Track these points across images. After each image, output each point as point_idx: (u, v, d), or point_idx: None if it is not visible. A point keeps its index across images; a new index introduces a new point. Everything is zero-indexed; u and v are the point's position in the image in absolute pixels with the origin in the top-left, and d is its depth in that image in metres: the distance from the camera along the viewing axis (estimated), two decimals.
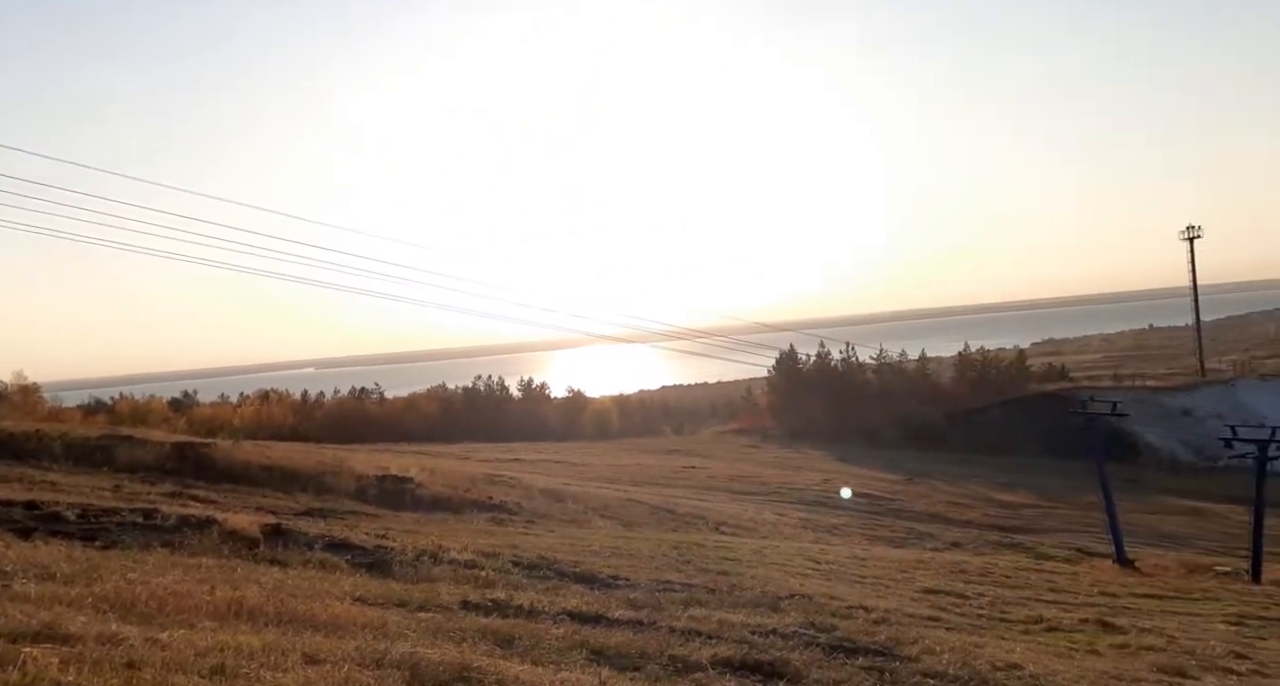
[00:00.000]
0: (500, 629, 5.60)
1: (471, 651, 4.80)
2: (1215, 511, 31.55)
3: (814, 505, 27.51)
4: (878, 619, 7.79)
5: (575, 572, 8.66)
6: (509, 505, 17.57)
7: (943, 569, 13.25)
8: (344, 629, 5.15)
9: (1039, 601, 10.59)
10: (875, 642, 6.56)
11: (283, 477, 16.51)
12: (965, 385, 60.45)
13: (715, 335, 43.86)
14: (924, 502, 29.92)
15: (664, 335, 38.33)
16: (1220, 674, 7.02)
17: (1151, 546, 21.89)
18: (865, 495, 30.51)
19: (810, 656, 5.88)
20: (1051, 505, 31.15)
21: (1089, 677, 6.30)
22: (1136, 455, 46.90)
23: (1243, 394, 55.84)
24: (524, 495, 19.13)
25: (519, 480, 21.82)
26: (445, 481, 18.90)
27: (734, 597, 8.08)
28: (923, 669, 5.90)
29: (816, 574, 11.19)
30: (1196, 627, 9.39)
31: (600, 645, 5.42)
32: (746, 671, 5.33)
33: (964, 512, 28.48)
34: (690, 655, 5.43)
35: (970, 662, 6.16)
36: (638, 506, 20.79)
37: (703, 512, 21.33)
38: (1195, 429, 49.24)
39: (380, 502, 15.86)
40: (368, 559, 8.35)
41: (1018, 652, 6.91)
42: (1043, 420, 47.86)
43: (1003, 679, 5.90)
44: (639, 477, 31.20)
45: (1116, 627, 8.89)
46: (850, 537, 20.66)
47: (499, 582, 7.62)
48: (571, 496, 20.29)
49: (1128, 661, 7.23)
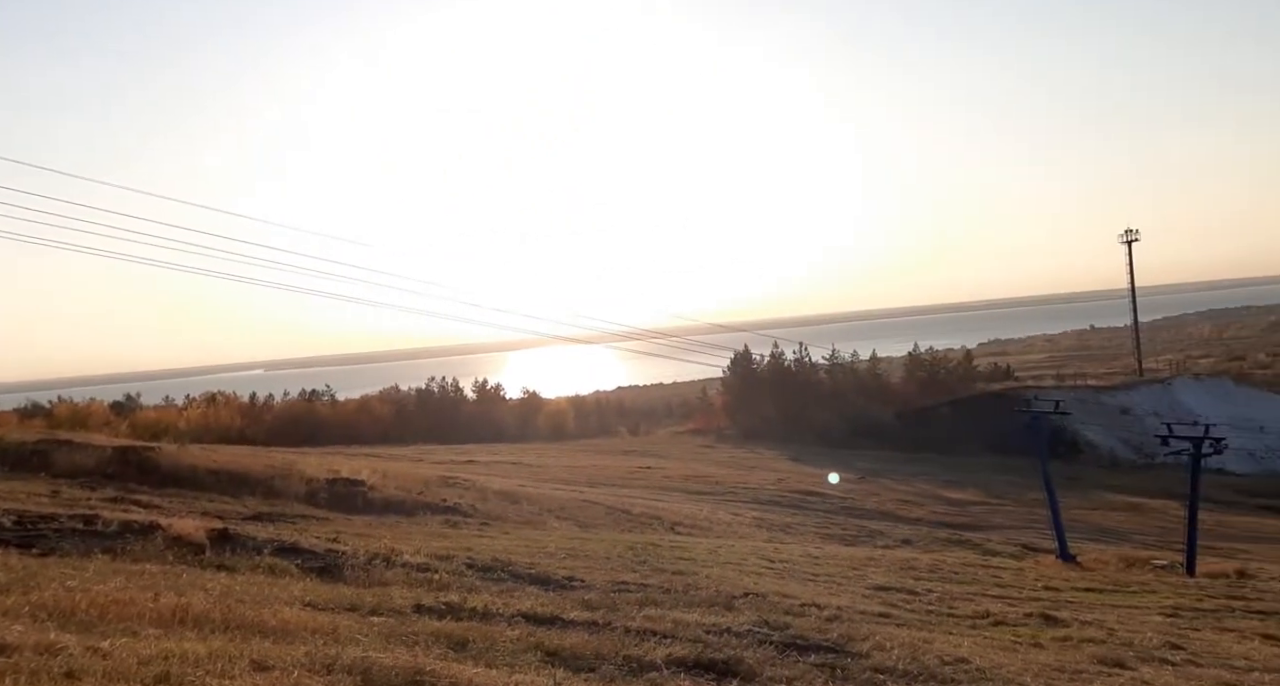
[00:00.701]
0: (454, 632, 5.56)
1: (425, 655, 4.77)
2: (1153, 506, 32.61)
3: (768, 504, 27.77)
4: (830, 616, 7.89)
5: (530, 574, 8.62)
6: (463, 507, 17.42)
7: (893, 566, 13.47)
8: (294, 634, 5.07)
9: (986, 596, 10.83)
10: (827, 639, 6.65)
11: (230, 481, 16.14)
12: (915, 385, 61.59)
13: (670, 336, 44.05)
14: (875, 501, 30.40)
15: (620, 336, 38.37)
16: (1156, 664, 7.24)
17: (1093, 541, 22.55)
18: (818, 494, 30.89)
19: (764, 654, 5.94)
20: (998, 502, 31.89)
21: (1032, 670, 6.46)
22: (1078, 452, 48.23)
23: (1178, 392, 57.80)
24: (479, 497, 18.98)
25: (473, 482, 21.63)
26: (398, 484, 18.65)
27: (689, 597, 8.12)
28: (873, 664, 6.00)
29: (770, 572, 11.29)
30: (1134, 620, 9.69)
31: (555, 646, 5.42)
32: (701, 670, 5.37)
33: (914, 510, 29.01)
34: (645, 655, 5.46)
35: (919, 657, 6.28)
36: (593, 507, 20.77)
37: (658, 513, 21.39)
38: (1134, 427, 50.83)
39: (331, 506, 15.60)
40: (318, 563, 8.21)
41: (965, 647, 7.06)
42: (989, 419, 48.96)
43: (950, 673, 6.02)
44: (595, 478, 31.17)
45: (1059, 621, 9.12)
46: (804, 536, 20.90)
47: (453, 585, 7.56)
48: (527, 498, 20.19)
49: (1069, 653, 7.43)
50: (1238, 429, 43.61)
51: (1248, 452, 48.14)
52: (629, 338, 41.62)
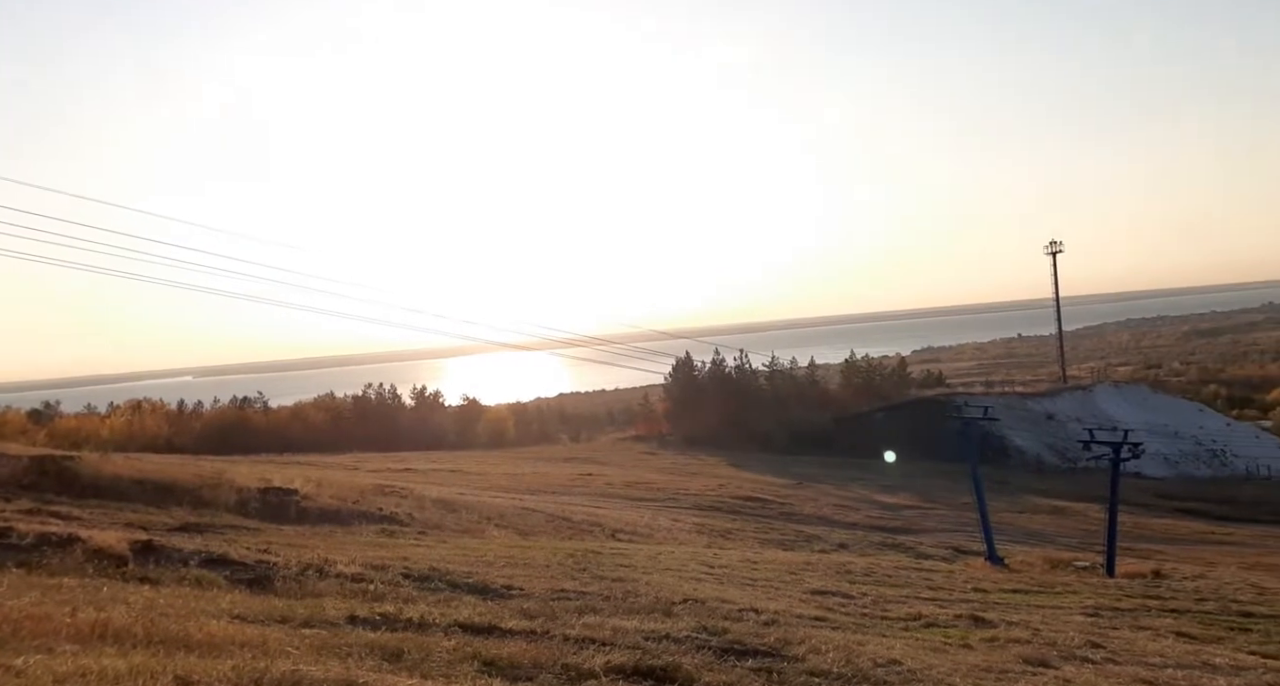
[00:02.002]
0: (388, 643, 5.47)
1: (358, 667, 4.68)
2: (1075, 509, 33.77)
3: (709, 510, 27.96)
4: (767, 620, 7.98)
5: (468, 583, 8.53)
6: (400, 516, 17.11)
7: (830, 570, 13.68)
8: (220, 648, 4.93)
9: (918, 599, 11.07)
10: (764, 644, 6.73)
11: (156, 491, 15.57)
12: (851, 391, 62.76)
13: (613, 342, 44.04)
14: (812, 506, 30.85)
15: (561, 342, 38.21)
16: (1078, 663, 7.50)
17: (1019, 544, 23.25)
18: (757, 499, 31.22)
19: (702, 660, 5.99)
20: (931, 506, 32.64)
21: (961, 671, 6.62)
22: (1006, 457, 49.71)
23: (1099, 399, 60.08)
24: (416, 506, 18.68)
25: (411, 490, 21.28)
26: (333, 493, 18.24)
27: (628, 604, 8.13)
28: (809, 668, 6.09)
29: (710, 578, 11.36)
30: (1058, 620, 10.02)
31: (492, 656, 5.38)
32: (639, 677, 5.38)
33: (850, 515, 29.52)
34: (584, 663, 5.45)
35: (853, 660, 6.40)
36: (534, 515, 20.62)
37: (599, 520, 21.35)
38: (1058, 432, 52.64)
39: (263, 516, 15.17)
40: (248, 575, 7.99)
41: (897, 649, 7.21)
42: (922, 424, 50.18)
43: (883, 675, 6.14)
44: (535, 486, 30.96)
45: (987, 622, 9.37)
46: (743, 541, 21.09)
47: (388, 596, 7.43)
48: (466, 506, 19.95)
49: (997, 654, 7.64)
50: (1154, 434, 45.58)
51: (1164, 457, 50.32)
52: (571, 344, 41.51)
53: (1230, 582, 14.85)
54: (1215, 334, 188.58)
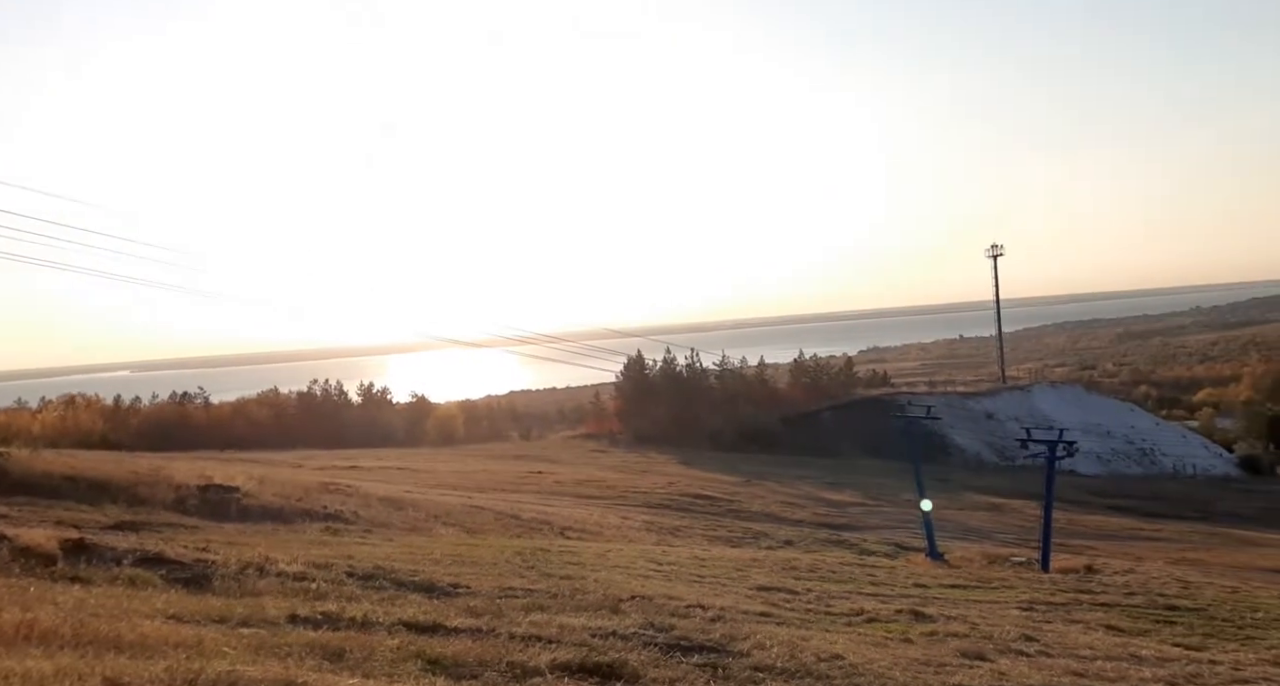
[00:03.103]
0: (330, 642, 5.38)
1: (297, 666, 4.60)
2: (1013, 506, 34.67)
3: (658, 508, 28.06)
4: (714, 616, 8.04)
5: (414, 582, 8.43)
6: (345, 514, 16.84)
7: (776, 566, 13.83)
8: (154, 649, 4.79)
9: (861, 595, 11.26)
10: (710, 640, 6.78)
11: (90, 489, 15.07)
12: (800, 390, 63.60)
13: (565, 341, 43.93)
14: (760, 503, 31.17)
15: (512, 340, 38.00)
16: (1013, 656, 7.70)
17: (959, 540, 23.79)
18: (706, 496, 31.43)
19: (648, 656, 6.01)
20: (875, 503, 33.21)
21: (901, 664, 6.76)
22: (947, 455, 50.85)
23: (1036, 399, 61.83)
24: (362, 503, 18.40)
25: (357, 488, 20.96)
26: (276, 490, 17.87)
27: (576, 601, 8.12)
28: (753, 663, 6.16)
29: (658, 575, 11.40)
30: (994, 614, 10.28)
31: (437, 654, 5.33)
32: (585, 674, 5.39)
33: (796, 512, 29.89)
34: (530, 660, 5.43)
35: (797, 655, 6.48)
36: (482, 513, 20.47)
37: (548, 518, 21.28)
38: (997, 431, 54.04)
39: (202, 514, 14.79)
40: (185, 573, 7.78)
41: (840, 644, 7.33)
42: (867, 422, 51.08)
43: (826, 669, 6.24)
44: (484, 484, 30.74)
45: (927, 617, 9.57)
46: (691, 539, 21.21)
47: (331, 594, 7.31)
48: (413, 504, 19.71)
49: (936, 647, 7.80)
50: (1088, 433, 47.10)
51: (1096, 456, 51.99)
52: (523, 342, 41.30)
53: (1157, 577, 15.42)
54: (1146, 337, 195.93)
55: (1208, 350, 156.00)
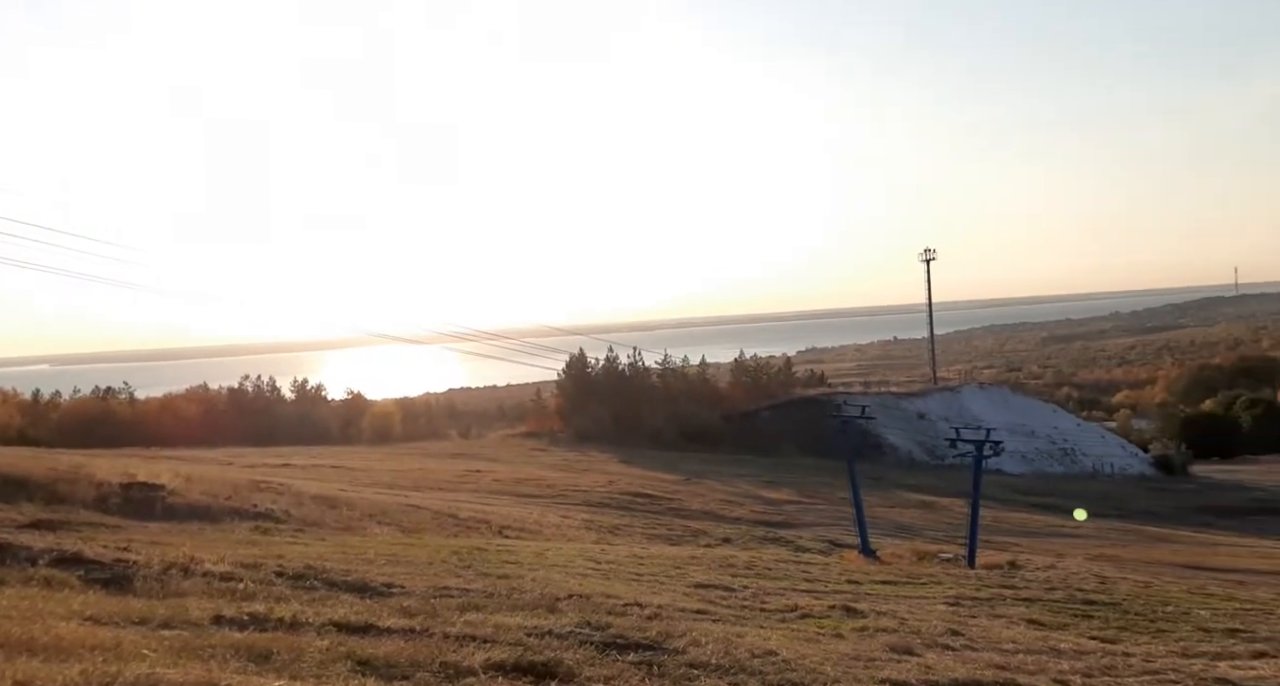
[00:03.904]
0: (256, 644, 5.26)
1: (221, 669, 4.49)
2: (942, 504, 35.59)
3: (598, 506, 28.05)
4: (651, 614, 8.09)
5: (346, 582, 8.28)
6: (276, 513, 16.43)
7: (713, 564, 13.96)
8: (69, 652, 4.62)
9: (795, 591, 11.44)
10: (646, 637, 6.82)
11: (5, 486, 14.40)
12: (740, 389, 64.28)
13: (506, 338, 43.62)
14: (699, 501, 31.40)
15: (452, 337, 37.58)
16: (939, 650, 7.93)
17: (891, 537, 24.31)
18: (646, 495, 31.53)
19: (584, 655, 6.02)
20: (810, 501, 33.74)
21: (832, 659, 6.90)
22: (881, 454, 51.98)
23: (966, 400, 63.60)
24: (294, 502, 17.98)
25: (289, 486, 20.48)
26: (204, 489, 17.35)
27: (513, 600, 8.09)
28: (688, 660, 6.22)
29: (596, 573, 11.42)
30: (923, 609, 10.56)
31: (367, 655, 5.25)
32: (520, 673, 5.38)
33: (734, 510, 30.20)
34: (463, 660, 5.40)
35: (731, 652, 6.57)
36: (419, 512, 20.19)
37: (487, 516, 21.10)
38: (928, 430, 55.44)
39: (125, 513, 14.27)
40: (104, 574, 7.52)
41: (774, 640, 7.45)
42: (805, 422, 51.89)
43: (759, 665, 6.33)
44: (421, 482, 30.34)
45: (859, 612, 9.78)
46: (631, 537, 21.25)
47: (259, 595, 7.14)
48: (346, 503, 19.33)
49: (866, 643, 7.99)
50: (1014, 433, 48.67)
51: (1021, 455, 53.72)
52: (463, 338, 40.87)
53: (1076, 572, 15.98)
54: (1069, 340, 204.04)
55: (1126, 354, 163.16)
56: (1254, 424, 79.27)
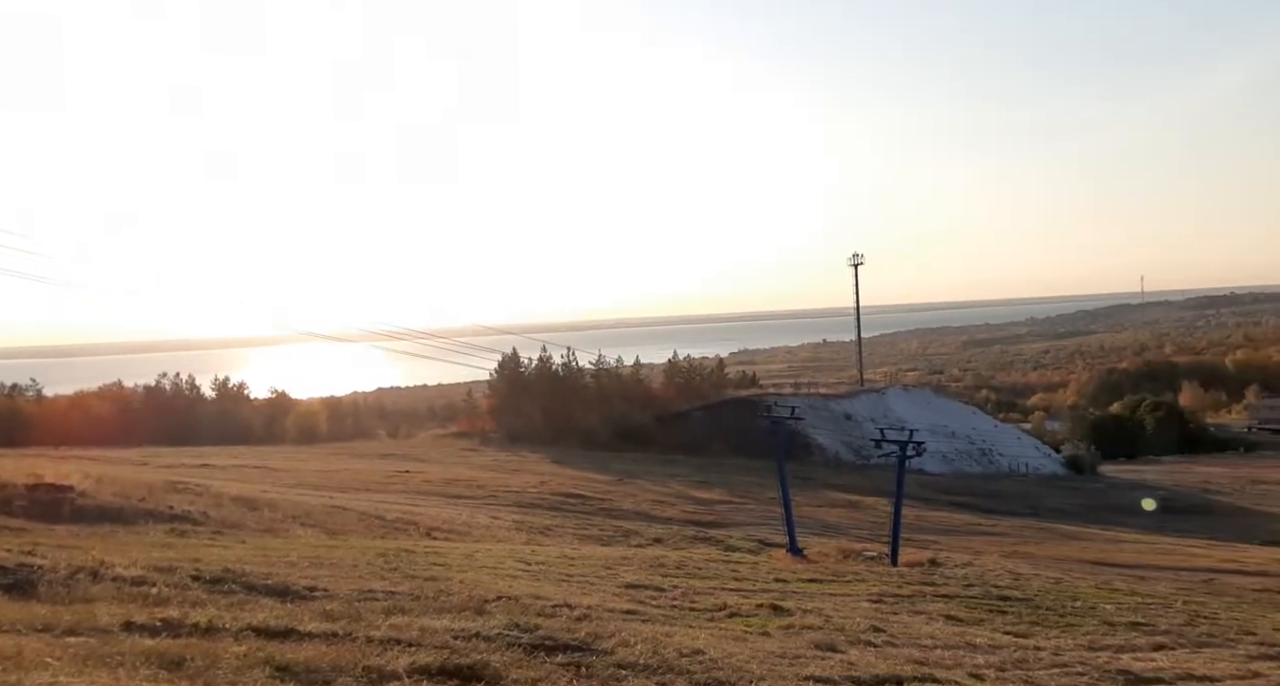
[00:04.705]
0: (169, 650, 5.08)
1: (129, 677, 4.32)
2: (868, 503, 36.45)
3: (529, 507, 27.88)
4: (580, 615, 8.07)
5: (266, 585, 8.05)
6: (194, 515, 15.87)
7: (644, 564, 14.02)
8: None
9: (724, 590, 11.57)
10: (575, 639, 6.80)
11: None
12: (673, 390, 64.65)
13: (437, 337, 42.95)
14: (631, 501, 31.50)
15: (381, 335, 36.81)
16: (862, 646, 8.11)
17: (818, 535, 24.81)
18: (578, 495, 31.49)
19: (511, 657, 5.97)
20: (741, 501, 34.18)
21: (759, 657, 7.00)
22: (809, 454, 52.92)
23: (890, 401, 65.25)
24: (212, 503, 17.41)
25: (208, 487, 19.81)
26: (117, 490, 16.65)
27: (440, 603, 7.97)
28: (617, 661, 6.23)
29: (526, 575, 11.35)
30: (847, 606, 10.80)
31: (287, 661, 5.11)
32: (445, 676, 5.30)
33: (666, 510, 30.39)
34: (387, 664, 5.30)
35: (660, 651, 6.60)
36: (344, 513, 19.76)
37: (415, 518, 20.77)
38: (855, 431, 56.69)
39: (31, 515, 13.60)
40: (6, 579, 7.15)
41: (702, 639, 7.51)
42: (736, 422, 52.46)
43: (687, 664, 6.38)
44: (348, 483, 29.69)
45: (785, 610, 9.95)
46: (562, 538, 21.19)
47: (173, 600, 6.88)
48: (269, 504, 18.80)
49: (792, 640, 8.12)
50: (935, 434, 50.06)
51: (942, 455, 55.34)
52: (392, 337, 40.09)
53: (992, 569, 16.55)
54: (988, 344, 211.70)
55: (1040, 358, 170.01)
56: (1157, 426, 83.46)
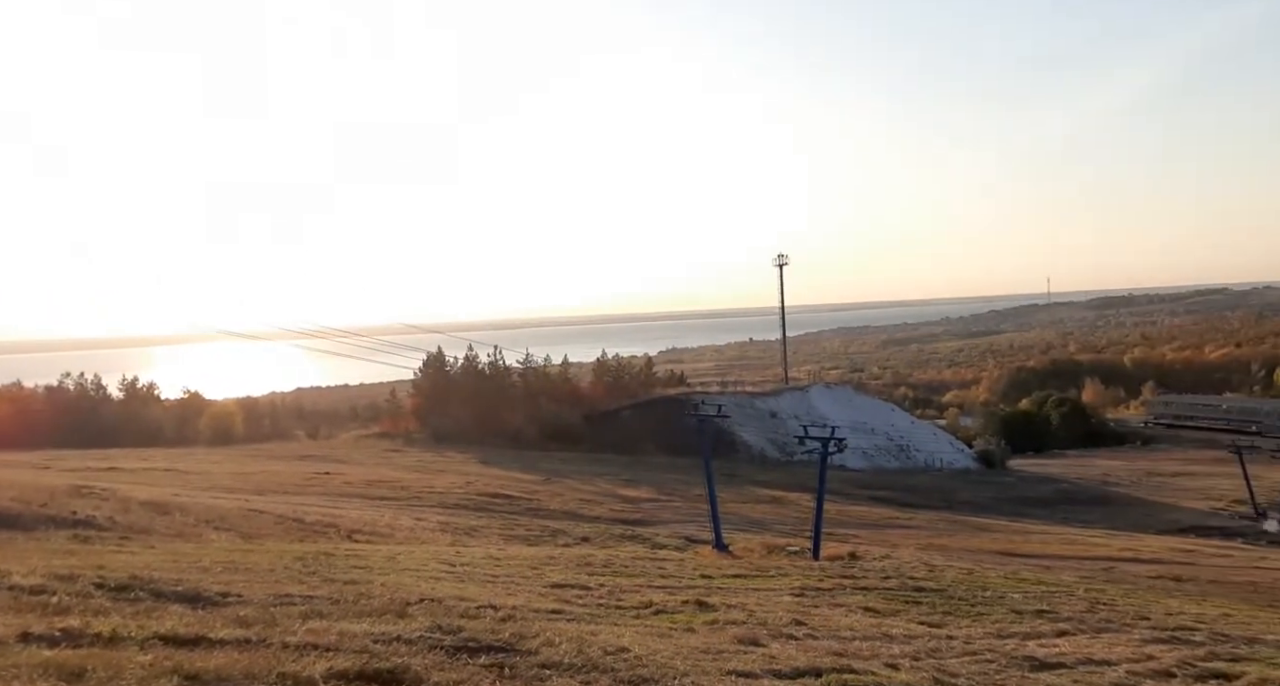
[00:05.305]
0: (68, 662, 4.85)
1: None
2: (791, 499, 37.14)
3: (454, 508, 27.52)
4: (504, 616, 8.01)
5: (176, 592, 7.75)
6: (99, 520, 15.15)
7: (571, 563, 13.99)
8: None
9: (651, 587, 11.63)
10: (499, 640, 6.75)
11: None
12: (602, 388, 64.73)
13: (359, 335, 42.01)
14: (558, 501, 31.39)
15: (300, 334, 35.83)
16: (784, 640, 8.26)
17: (743, 531, 25.15)
18: (505, 496, 31.22)
19: (433, 660, 5.90)
20: (668, 498, 34.41)
21: (683, 653, 7.06)
22: (735, 451, 53.72)
23: (814, 399, 66.74)
24: (119, 508, 16.65)
25: (114, 491, 18.94)
26: (14, 495, 15.78)
27: (360, 607, 7.81)
28: (541, 661, 6.21)
29: (450, 576, 11.20)
30: (770, 601, 10.98)
31: (196, 669, 4.95)
32: (364, 681, 5.21)
33: (594, 509, 30.38)
34: (303, 670, 5.18)
35: (585, 650, 6.61)
36: (261, 517, 19.15)
37: (335, 520, 20.27)
38: (779, 428, 57.76)
39: None
40: None
41: (627, 637, 7.54)
42: (664, 420, 52.90)
43: (611, 662, 6.40)
44: (265, 486, 28.79)
45: (710, 606, 10.06)
46: (488, 538, 20.98)
47: (75, 609, 6.57)
48: (180, 508, 18.09)
49: (716, 635, 8.22)
50: (856, 431, 51.47)
51: (862, 451, 56.84)
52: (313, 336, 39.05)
53: (909, 562, 17.06)
54: (906, 343, 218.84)
55: (954, 356, 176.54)
56: (1062, 421, 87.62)
